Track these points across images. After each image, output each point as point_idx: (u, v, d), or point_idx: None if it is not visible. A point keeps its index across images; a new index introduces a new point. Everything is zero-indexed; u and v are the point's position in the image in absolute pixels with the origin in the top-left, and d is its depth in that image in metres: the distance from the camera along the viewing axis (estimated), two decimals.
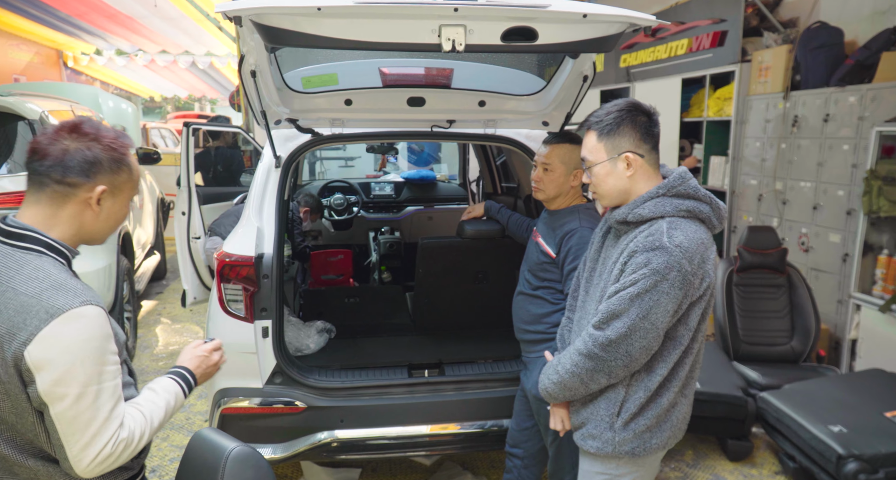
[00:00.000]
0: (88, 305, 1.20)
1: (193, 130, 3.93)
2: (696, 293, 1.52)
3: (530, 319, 2.30)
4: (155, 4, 9.10)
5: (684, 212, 1.54)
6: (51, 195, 1.26)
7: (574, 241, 2.14)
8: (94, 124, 1.32)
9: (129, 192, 1.37)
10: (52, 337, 1.15)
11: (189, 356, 1.53)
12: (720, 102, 5.54)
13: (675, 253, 1.46)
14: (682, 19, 6.04)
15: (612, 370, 1.56)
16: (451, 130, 2.85)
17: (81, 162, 1.25)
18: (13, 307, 1.17)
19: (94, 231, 1.34)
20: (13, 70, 10.88)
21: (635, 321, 1.50)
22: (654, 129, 1.61)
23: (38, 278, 1.20)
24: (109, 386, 1.22)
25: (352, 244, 5.07)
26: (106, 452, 1.20)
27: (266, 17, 1.70)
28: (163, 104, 20.41)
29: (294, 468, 3.13)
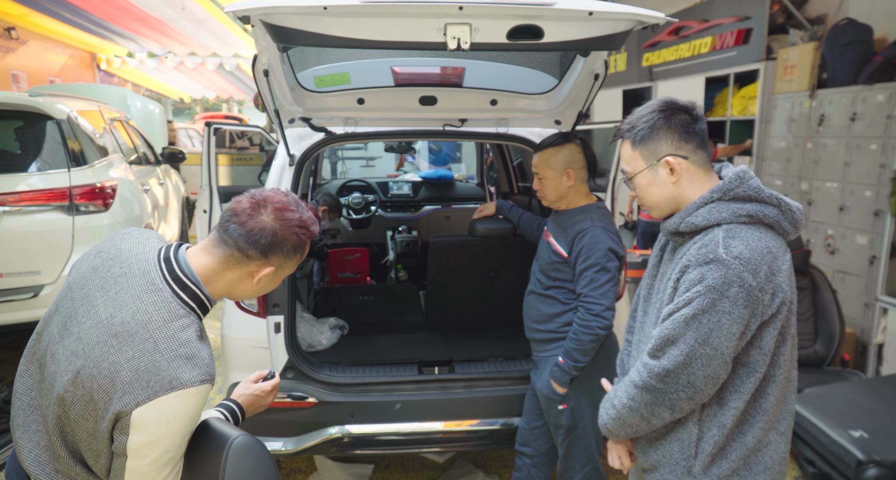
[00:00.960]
0: (206, 383, 1.20)
1: (215, 129, 4.02)
2: (767, 312, 1.29)
3: (541, 318, 2.30)
4: (182, 7, 9.31)
5: (745, 217, 1.32)
6: (227, 255, 1.29)
7: (586, 240, 2.12)
8: (297, 208, 1.32)
9: (289, 270, 1.38)
10: (164, 406, 1.16)
11: (245, 393, 1.51)
12: (744, 100, 5.44)
13: (734, 266, 1.25)
14: (705, 17, 5.95)
15: (674, 404, 1.35)
16: (463, 129, 2.86)
17: (267, 244, 1.28)
18: (148, 361, 1.17)
19: (241, 295, 1.37)
20: (49, 72, 11.26)
21: (694, 347, 1.29)
22: (695, 126, 1.40)
23: (180, 341, 1.20)
24: (180, 454, 1.24)
25: (369, 243, 5.11)
26: None
27: (274, 16, 1.73)
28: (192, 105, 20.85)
29: (308, 462, 3.17)
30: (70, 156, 3.59)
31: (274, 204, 1.30)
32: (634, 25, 1.86)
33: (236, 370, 2.53)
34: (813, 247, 4.55)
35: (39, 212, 3.43)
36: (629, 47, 7.43)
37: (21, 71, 10.24)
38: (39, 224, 3.42)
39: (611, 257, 2.11)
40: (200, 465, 1.35)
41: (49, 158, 3.53)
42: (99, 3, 9.20)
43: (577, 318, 2.13)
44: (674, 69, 6.53)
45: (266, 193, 1.33)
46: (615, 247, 2.12)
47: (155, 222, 5.01)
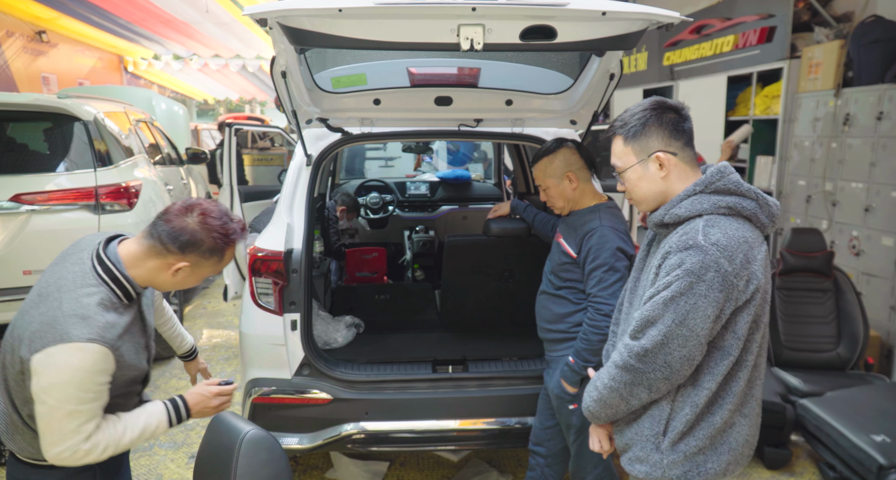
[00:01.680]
0: (94, 343, 1.36)
1: (235, 130, 4.10)
2: (741, 297, 1.36)
3: (553, 318, 2.31)
4: (207, 10, 9.47)
5: (725, 209, 1.40)
6: (151, 246, 1.48)
7: (594, 240, 2.12)
8: (225, 220, 1.50)
9: (207, 272, 1.54)
10: (53, 357, 1.34)
11: (195, 391, 1.64)
12: (767, 100, 5.35)
13: (712, 252, 1.33)
14: (727, 15, 5.86)
15: (651, 383, 1.42)
16: (479, 129, 2.87)
17: (186, 241, 1.46)
18: (50, 315, 1.37)
19: (164, 286, 1.55)
20: (78, 74, 11.55)
21: (671, 327, 1.36)
22: (684, 124, 1.49)
23: (79, 303, 1.39)
24: (84, 409, 1.38)
25: (387, 243, 5.15)
26: (65, 455, 1.39)
27: (290, 18, 1.77)
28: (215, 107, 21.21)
29: (324, 459, 3.21)
30: (96, 156, 3.69)
31: (201, 210, 1.48)
32: (649, 25, 1.85)
33: (254, 366, 2.57)
34: (837, 249, 4.46)
35: (66, 211, 3.53)
36: (650, 46, 7.36)
37: (51, 73, 10.52)
38: (66, 223, 3.52)
39: (619, 256, 2.10)
40: (214, 457, 1.39)
41: (76, 158, 3.63)
42: (126, 7, 9.42)
43: (587, 318, 2.12)
44: (695, 68, 6.45)
45: (199, 201, 1.52)
46: (624, 246, 2.11)
47: None
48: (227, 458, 1.33)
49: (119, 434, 1.45)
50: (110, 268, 1.46)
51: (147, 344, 1.62)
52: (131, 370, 1.52)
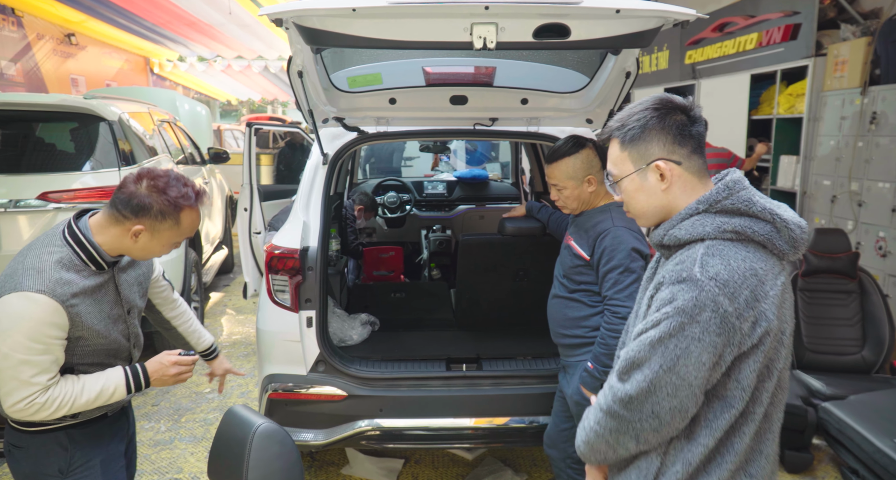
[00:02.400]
0: (41, 294, 1.45)
1: (256, 130, 4.15)
2: (746, 342, 1.14)
3: (568, 323, 2.24)
4: (230, 11, 9.62)
5: (731, 233, 1.18)
6: (110, 214, 1.58)
7: (608, 241, 2.06)
8: (169, 181, 1.57)
9: (167, 238, 1.61)
10: (6, 303, 1.45)
11: (154, 359, 1.70)
12: (792, 98, 5.25)
13: (709, 288, 1.12)
14: (751, 13, 5.77)
15: (639, 435, 1.22)
16: (494, 128, 2.87)
17: (136, 205, 1.54)
18: (11, 267, 1.51)
19: (131, 252, 1.63)
20: (106, 76, 11.82)
21: (658, 373, 1.16)
22: (692, 128, 1.26)
23: (39, 259, 1.50)
24: (34, 359, 1.46)
25: (404, 242, 5.17)
26: (19, 406, 1.47)
27: (306, 19, 1.79)
28: (238, 107, 21.52)
29: (340, 455, 3.24)
30: (120, 156, 3.77)
31: (150, 176, 1.57)
32: (664, 23, 1.84)
33: (270, 362, 2.61)
34: (863, 250, 4.36)
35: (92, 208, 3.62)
36: (671, 45, 7.27)
37: (80, 75, 10.78)
38: None
39: (635, 257, 2.05)
40: (227, 449, 1.42)
41: (101, 157, 3.72)
42: (152, 10, 9.61)
43: (604, 322, 2.08)
44: (718, 66, 6.36)
45: (152, 169, 1.60)
46: (639, 246, 2.07)
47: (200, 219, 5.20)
48: (239, 450, 1.35)
49: (76, 392, 1.52)
50: (76, 233, 1.56)
51: (124, 319, 1.68)
52: (99, 338, 1.59)
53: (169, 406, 3.84)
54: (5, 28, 8.83)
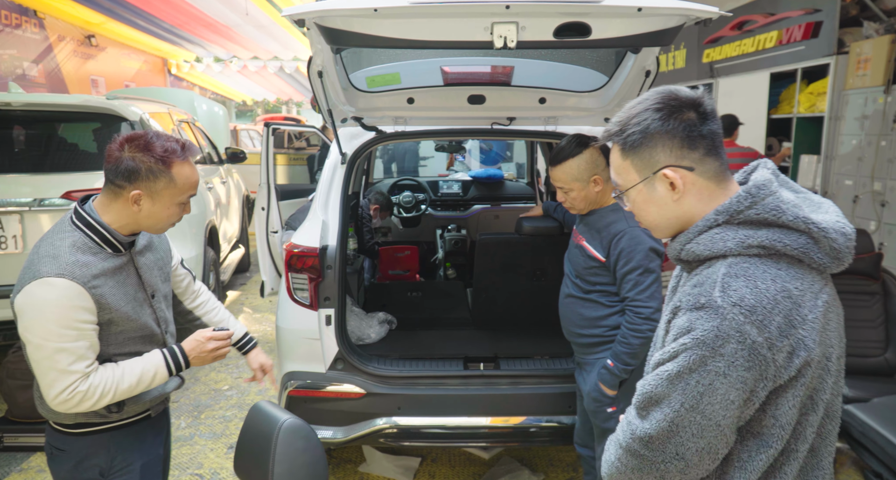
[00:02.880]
0: (60, 278, 1.43)
1: (273, 129, 4.19)
2: (782, 374, 0.98)
3: (584, 323, 2.22)
4: (247, 12, 9.71)
5: (757, 249, 1.02)
6: (108, 190, 1.55)
7: (624, 243, 2.03)
8: (149, 139, 1.52)
9: (168, 197, 1.55)
10: (28, 294, 1.43)
11: (191, 338, 1.67)
12: (812, 97, 5.19)
13: (732, 316, 0.97)
14: (771, 11, 5.71)
15: (664, 475, 1.08)
16: (511, 128, 2.87)
17: (124, 170, 1.50)
18: (29, 261, 1.49)
19: (144, 225, 1.59)
20: (125, 77, 11.99)
21: (680, 412, 1.01)
22: (702, 127, 1.07)
23: (52, 245, 1.48)
24: (69, 346, 1.43)
25: (419, 241, 5.19)
26: (63, 397, 1.44)
27: (327, 19, 1.81)
28: (253, 107, 21.71)
29: (357, 453, 3.26)
30: None
31: (131, 139, 1.52)
32: (686, 20, 1.83)
33: (290, 359, 2.64)
34: (887, 250, 4.29)
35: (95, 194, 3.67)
36: (688, 44, 7.21)
37: (100, 76, 10.95)
38: None
39: (652, 256, 2.04)
40: (253, 444, 1.44)
41: None
42: (170, 11, 9.73)
43: (626, 322, 2.08)
44: (736, 65, 6.30)
45: (133, 132, 1.56)
46: (655, 246, 2.05)
47: (217, 218, 5.26)
48: (265, 445, 1.37)
49: (117, 378, 1.50)
50: (83, 216, 1.54)
51: (149, 303, 1.65)
52: (129, 322, 1.56)
53: (188, 403, 3.89)
54: (28, 30, 9.00)
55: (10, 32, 8.57)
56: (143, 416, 1.69)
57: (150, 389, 1.60)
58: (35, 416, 3.29)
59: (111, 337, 1.55)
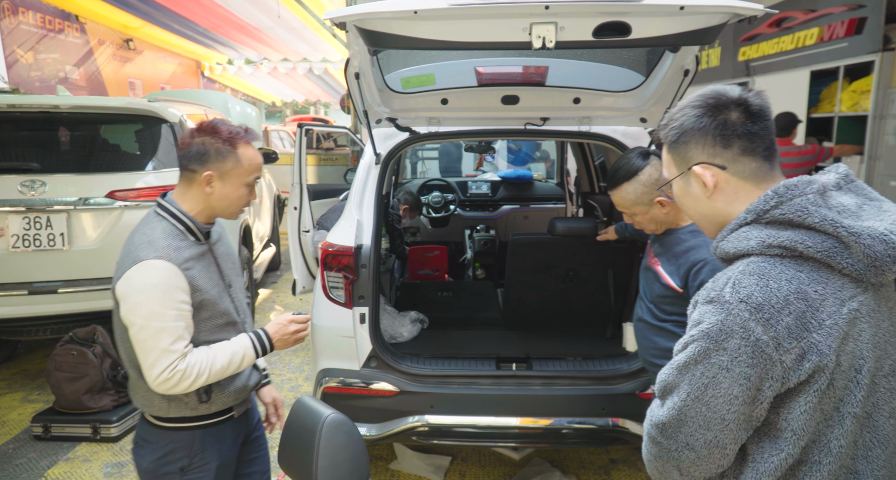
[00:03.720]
0: (160, 260, 1.54)
1: (306, 130, 4.26)
2: (790, 377, 0.98)
3: (658, 353, 1.99)
4: (279, 15, 9.88)
5: (778, 248, 1.02)
6: (183, 177, 1.68)
7: (705, 275, 1.76)
8: (215, 124, 1.65)
9: (236, 176, 1.66)
10: (130, 278, 1.54)
11: (273, 322, 1.75)
12: (855, 95, 5.04)
13: (738, 311, 0.98)
14: (812, 7, 5.56)
15: (680, 465, 1.09)
16: (545, 128, 2.86)
17: (195, 154, 1.63)
18: (125, 251, 1.59)
19: (215, 207, 1.69)
20: (161, 80, 12.31)
21: (687, 401, 1.04)
22: (744, 126, 1.08)
23: (146, 234, 1.59)
24: (170, 326, 1.53)
25: (448, 241, 5.21)
26: (164, 375, 1.52)
27: (368, 21, 1.83)
28: (283, 109, 22.04)
29: (389, 450, 3.29)
30: None
31: (199, 128, 1.65)
32: (730, 18, 1.80)
33: (324, 357, 2.68)
34: None
35: None
36: (723, 42, 7.07)
37: (137, 79, 11.27)
38: None
39: None
40: (298, 438, 1.47)
41: (163, 157, 3.88)
42: (204, 14, 9.96)
43: None
44: (774, 63, 6.15)
45: (200, 122, 1.67)
46: None
47: (250, 217, 5.36)
48: (309, 439, 1.40)
49: (210, 358, 1.59)
50: (166, 206, 1.65)
51: (228, 292, 1.73)
52: (216, 306, 1.65)
53: None
54: (70, 34, 9.31)
55: (54, 37, 8.88)
56: (226, 417, 1.76)
57: (237, 375, 1.71)
58: (80, 407, 3.41)
59: (201, 324, 1.64)
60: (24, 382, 4.20)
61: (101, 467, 3.17)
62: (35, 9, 8.37)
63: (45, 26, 8.66)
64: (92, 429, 3.36)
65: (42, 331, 3.80)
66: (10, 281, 3.57)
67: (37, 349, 4.80)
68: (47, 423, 3.37)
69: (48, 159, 3.72)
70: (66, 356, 3.40)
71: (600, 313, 3.08)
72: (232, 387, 1.72)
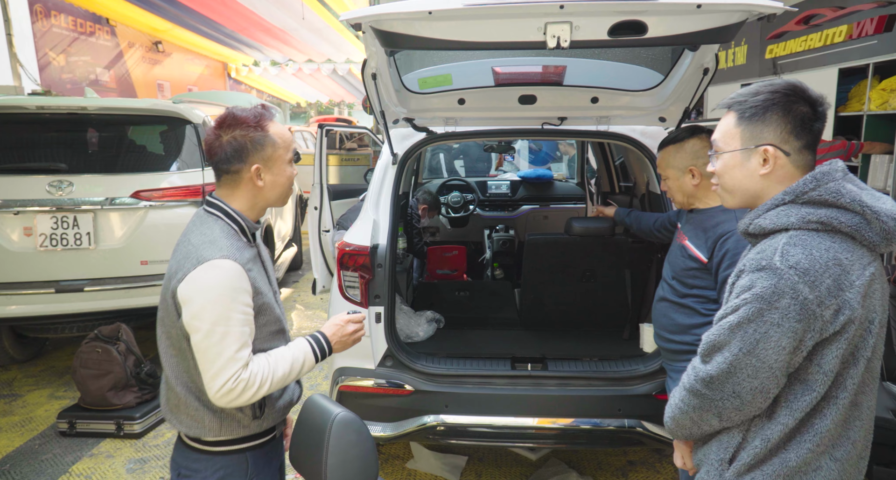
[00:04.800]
0: (226, 259, 1.44)
1: (326, 131, 4.30)
2: (827, 328, 1.18)
3: (675, 329, 2.08)
4: (303, 17, 9.99)
5: (815, 224, 1.20)
6: (225, 182, 1.57)
7: (731, 244, 1.88)
8: (234, 114, 1.53)
9: (280, 159, 1.58)
10: (195, 279, 1.42)
11: (329, 323, 1.67)
12: (885, 93, 4.89)
13: (788, 276, 1.17)
14: (840, 4, 5.42)
15: (721, 412, 1.29)
16: (562, 128, 2.85)
17: (232, 152, 1.51)
18: (183, 252, 1.48)
19: (268, 198, 1.60)
20: (188, 81, 12.55)
21: (738, 356, 1.22)
22: (815, 123, 1.27)
23: (205, 234, 1.49)
24: (236, 331, 1.42)
25: (467, 241, 5.21)
26: (228, 386, 1.40)
27: (383, 22, 1.84)
28: (307, 109, 22.27)
29: (405, 449, 3.30)
30: (204, 157, 4.01)
31: (219, 126, 1.53)
32: (748, 16, 1.77)
33: (340, 356, 2.69)
34: None
35: (178, 206, 3.87)
36: (750, 39, 6.94)
37: (165, 80, 11.50)
38: (178, 217, 3.85)
39: None
40: (308, 436, 1.49)
41: (187, 158, 3.96)
42: (231, 16, 10.13)
43: None
44: (802, 61, 6.01)
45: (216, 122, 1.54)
46: None
47: (272, 217, 5.44)
48: (319, 438, 1.42)
49: (272, 365, 1.48)
50: (219, 204, 1.56)
51: (275, 297, 1.64)
52: (271, 312, 1.56)
53: None
54: (101, 37, 9.54)
55: (85, 40, 9.11)
56: (272, 436, 1.65)
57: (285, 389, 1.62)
58: (105, 404, 3.49)
59: (258, 330, 1.53)
60: (51, 379, 4.32)
61: (123, 463, 3.25)
62: (67, 12, 8.60)
63: (77, 29, 8.89)
64: (116, 426, 3.44)
65: (68, 329, 3.91)
66: (37, 279, 3.68)
67: (64, 347, 4.93)
68: (73, 419, 3.46)
69: (75, 160, 3.82)
70: (91, 353, 3.48)
71: (618, 313, 3.05)
72: (281, 401, 1.63)
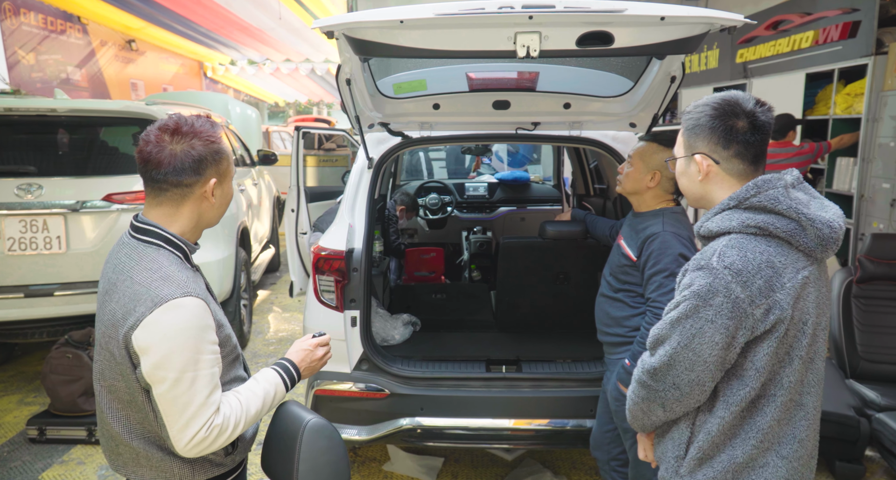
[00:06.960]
0: (189, 296, 1.27)
1: (303, 133, 4.29)
2: (758, 327, 1.26)
3: (610, 321, 2.30)
4: (280, 16, 9.91)
5: (754, 228, 1.28)
6: (171, 197, 1.36)
7: (655, 245, 2.08)
8: (189, 122, 1.36)
9: (230, 175, 1.43)
10: (155, 324, 1.24)
11: (295, 350, 1.54)
12: (849, 98, 5.05)
13: (722, 275, 1.25)
14: (807, 10, 5.57)
15: (665, 403, 1.37)
16: (536, 133, 2.89)
17: (191, 164, 1.33)
18: (128, 294, 1.28)
19: (212, 217, 1.43)
20: (163, 80, 12.35)
21: (677, 349, 1.31)
22: (745, 135, 1.33)
23: (152, 269, 1.30)
24: (205, 374, 1.28)
25: (445, 243, 5.23)
26: (201, 435, 1.27)
27: (356, 30, 1.86)
28: (285, 109, 22.08)
29: (381, 452, 3.32)
30: None
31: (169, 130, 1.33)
32: (710, 28, 1.82)
33: None
34: None
35: None
36: (721, 44, 7.08)
37: (139, 79, 11.31)
38: None
39: (681, 262, 2.05)
40: (279, 443, 1.50)
41: None
42: (206, 15, 9.99)
43: (645, 322, 2.10)
44: (771, 65, 6.16)
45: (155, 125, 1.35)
46: (686, 252, 2.07)
47: (249, 220, 5.40)
48: (290, 444, 1.43)
49: (244, 404, 1.35)
50: (156, 231, 1.35)
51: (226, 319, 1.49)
52: (230, 342, 1.43)
53: None
54: (72, 35, 9.35)
55: (56, 38, 8.92)
56: (242, 467, 1.55)
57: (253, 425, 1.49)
58: (75, 410, 3.44)
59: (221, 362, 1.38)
60: (20, 384, 4.24)
61: (95, 470, 3.20)
62: (37, 10, 8.41)
63: (47, 27, 8.70)
64: (87, 432, 3.40)
65: (38, 334, 3.83)
66: (6, 284, 3.61)
67: (33, 352, 4.84)
68: (42, 426, 3.41)
69: (45, 162, 3.75)
70: (61, 358, 3.43)
71: (590, 315, 3.10)
72: (251, 431, 1.53)
